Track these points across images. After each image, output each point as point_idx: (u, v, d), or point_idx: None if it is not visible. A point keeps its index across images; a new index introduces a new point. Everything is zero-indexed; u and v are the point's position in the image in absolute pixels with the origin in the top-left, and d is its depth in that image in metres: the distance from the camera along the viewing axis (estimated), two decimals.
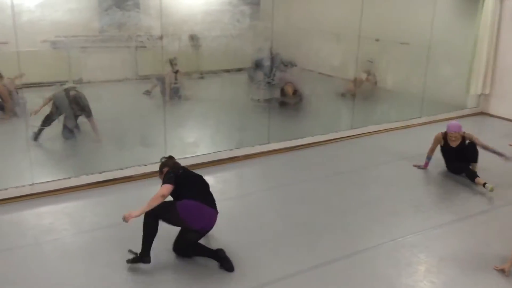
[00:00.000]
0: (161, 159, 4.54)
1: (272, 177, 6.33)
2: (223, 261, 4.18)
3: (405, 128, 8.38)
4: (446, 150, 6.24)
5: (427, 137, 6.49)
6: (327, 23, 10.00)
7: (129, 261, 4.16)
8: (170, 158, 4.55)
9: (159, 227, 4.14)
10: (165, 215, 4.12)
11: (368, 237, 4.82)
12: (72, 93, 6.84)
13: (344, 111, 8.56)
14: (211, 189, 4.45)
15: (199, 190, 4.29)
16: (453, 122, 6.30)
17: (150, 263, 4.17)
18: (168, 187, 4.10)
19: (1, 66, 7.42)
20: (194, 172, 4.49)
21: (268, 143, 7.09)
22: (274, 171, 6.53)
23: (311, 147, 7.36)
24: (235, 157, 6.74)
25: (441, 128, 6.39)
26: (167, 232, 4.28)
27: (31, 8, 6.64)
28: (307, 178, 6.24)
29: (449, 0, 9.26)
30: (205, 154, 6.56)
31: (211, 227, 4.27)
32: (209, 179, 5.99)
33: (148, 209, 4.00)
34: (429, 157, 6.39)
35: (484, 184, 5.78)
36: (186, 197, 4.15)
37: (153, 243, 4.19)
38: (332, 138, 7.63)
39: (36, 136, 6.72)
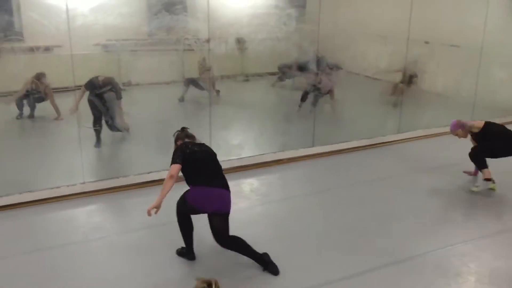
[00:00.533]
0: (174, 133, 4.44)
1: (317, 180, 6.27)
2: (269, 265, 4.17)
3: None
4: None
5: None
6: (375, 26, 9.84)
7: (177, 252, 4.37)
8: (183, 130, 4.44)
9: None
10: (184, 208, 4.13)
11: (416, 244, 4.69)
12: (100, 78, 6.91)
13: (391, 115, 8.38)
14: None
15: (205, 172, 4.11)
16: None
17: (194, 262, 4.25)
18: (175, 168, 4.00)
19: (56, 69, 7.69)
20: (204, 148, 4.28)
21: (313, 146, 7.04)
22: (318, 174, 6.48)
23: (357, 151, 7.24)
24: (280, 160, 6.72)
25: None
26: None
27: (84, 12, 6.87)
28: (352, 182, 6.15)
29: (503, 0, 8.92)
30: (250, 156, 6.58)
31: (227, 207, 4.11)
32: (253, 181, 6.04)
33: (163, 194, 3.92)
34: None
35: (488, 179, 5.67)
36: (192, 183, 4.09)
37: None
38: (378, 142, 7.49)
39: (98, 141, 6.90)
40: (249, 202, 5.49)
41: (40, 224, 5.04)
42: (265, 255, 4.20)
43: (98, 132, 6.89)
